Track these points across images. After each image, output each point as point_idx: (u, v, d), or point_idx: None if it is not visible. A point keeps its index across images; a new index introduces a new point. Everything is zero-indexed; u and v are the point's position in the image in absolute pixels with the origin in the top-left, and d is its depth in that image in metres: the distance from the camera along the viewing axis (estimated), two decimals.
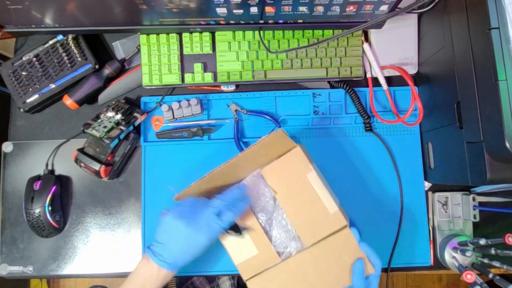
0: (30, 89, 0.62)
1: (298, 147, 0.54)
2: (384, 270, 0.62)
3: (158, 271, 0.48)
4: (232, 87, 0.65)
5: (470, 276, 0.52)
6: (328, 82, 0.65)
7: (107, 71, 0.63)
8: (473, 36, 0.46)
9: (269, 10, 0.53)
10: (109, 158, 0.60)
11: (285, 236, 0.56)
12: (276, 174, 0.56)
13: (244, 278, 0.55)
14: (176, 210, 0.50)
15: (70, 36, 0.62)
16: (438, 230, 0.62)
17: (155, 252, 0.49)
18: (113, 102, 0.63)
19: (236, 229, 0.53)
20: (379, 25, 0.59)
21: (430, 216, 0.64)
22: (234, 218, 0.50)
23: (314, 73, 0.63)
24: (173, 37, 0.62)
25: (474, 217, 0.61)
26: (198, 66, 0.63)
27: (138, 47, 0.64)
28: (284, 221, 0.56)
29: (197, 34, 0.62)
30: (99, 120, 0.60)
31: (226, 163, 0.51)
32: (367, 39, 0.65)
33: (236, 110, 0.65)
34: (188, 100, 0.62)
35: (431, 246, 0.63)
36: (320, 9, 0.53)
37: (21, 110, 0.63)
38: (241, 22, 0.57)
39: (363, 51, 0.64)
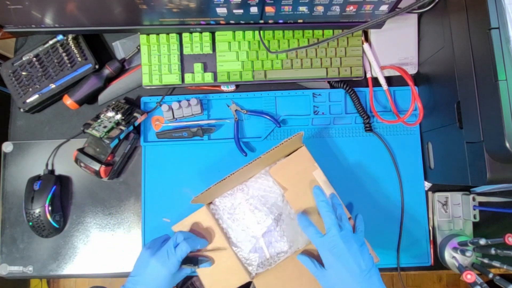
0: (30, 89, 0.62)
1: (304, 147, 0.56)
2: (394, 269, 0.63)
3: None
4: (232, 87, 0.65)
5: (470, 276, 0.52)
6: (328, 82, 0.65)
7: (107, 71, 0.63)
8: (473, 36, 0.46)
9: (269, 10, 0.53)
10: (109, 158, 0.60)
11: (293, 232, 0.57)
12: (284, 172, 0.57)
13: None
14: (149, 243, 0.55)
15: (70, 36, 0.62)
16: (438, 230, 0.63)
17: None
18: (113, 102, 0.63)
19: (194, 262, 0.55)
20: (379, 25, 0.59)
21: (430, 216, 0.64)
22: (187, 250, 0.52)
23: (314, 73, 0.63)
24: (173, 37, 0.62)
25: (474, 217, 0.61)
26: (198, 66, 0.63)
27: (138, 47, 0.64)
28: (292, 216, 0.57)
29: (197, 34, 0.62)
30: (99, 120, 0.60)
31: (246, 166, 0.52)
32: (367, 39, 0.65)
33: (236, 110, 0.65)
34: (188, 100, 0.62)
35: (431, 246, 0.63)
36: (320, 9, 0.53)
37: (21, 110, 0.63)
38: (241, 22, 0.57)
39: (363, 51, 0.64)
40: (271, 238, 0.58)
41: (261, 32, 0.61)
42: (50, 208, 0.61)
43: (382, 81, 0.64)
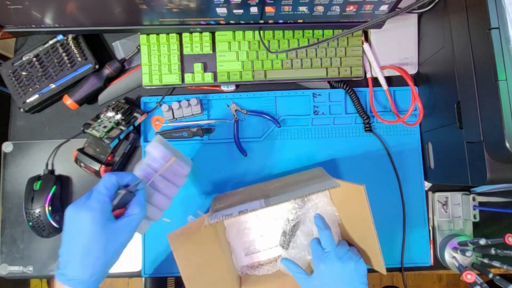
0: (30, 89, 0.62)
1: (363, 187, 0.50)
2: (398, 269, 0.63)
3: None
4: (232, 87, 0.65)
5: (470, 276, 0.52)
6: (328, 82, 0.65)
7: (107, 71, 0.63)
8: (473, 36, 0.46)
9: (269, 10, 0.53)
10: (109, 158, 0.60)
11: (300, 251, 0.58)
12: (342, 193, 0.56)
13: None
14: None
15: (70, 36, 0.62)
16: (438, 230, 0.63)
17: (58, 273, 0.39)
18: (113, 102, 0.63)
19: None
20: (379, 25, 0.59)
21: (430, 216, 0.64)
22: (111, 179, 0.41)
23: (314, 73, 0.63)
24: (173, 37, 0.62)
25: (474, 217, 0.61)
26: (198, 66, 0.63)
27: (138, 47, 0.64)
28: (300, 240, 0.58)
29: (197, 34, 0.62)
30: (99, 120, 0.60)
31: (264, 183, 0.53)
32: (367, 39, 0.65)
33: (236, 110, 0.65)
34: (188, 100, 0.62)
35: (431, 246, 0.63)
36: (320, 9, 0.53)
37: (21, 110, 0.63)
38: (241, 22, 0.57)
39: (363, 51, 0.64)
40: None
41: (261, 32, 0.61)
42: (50, 208, 0.61)
43: (382, 81, 0.64)
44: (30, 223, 0.61)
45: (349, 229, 0.57)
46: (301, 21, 0.57)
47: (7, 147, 0.66)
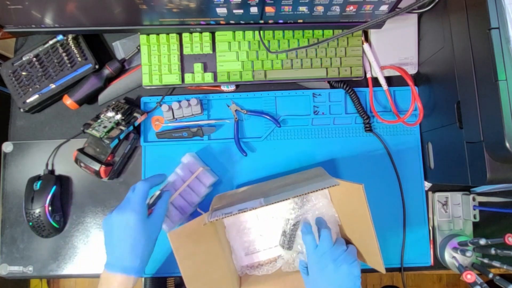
0: (30, 89, 0.62)
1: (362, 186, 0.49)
2: (398, 269, 0.63)
3: (123, 280, 0.47)
4: (232, 87, 0.65)
5: (470, 276, 0.52)
6: (328, 82, 0.65)
7: (107, 71, 0.63)
8: (473, 36, 0.46)
9: (269, 10, 0.53)
10: (109, 158, 0.60)
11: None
12: (341, 193, 0.56)
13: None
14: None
15: (70, 36, 0.62)
16: (438, 230, 0.63)
17: (107, 264, 0.48)
18: (113, 102, 0.63)
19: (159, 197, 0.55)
20: (379, 25, 0.59)
21: (430, 216, 0.64)
22: (144, 187, 0.51)
23: (314, 73, 0.63)
24: (173, 37, 0.62)
25: (474, 217, 0.61)
26: (198, 66, 0.63)
27: (138, 47, 0.64)
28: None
29: (197, 34, 0.62)
30: (99, 120, 0.60)
31: (264, 183, 0.53)
32: (367, 39, 0.65)
33: (236, 110, 0.65)
34: (188, 100, 0.62)
35: (431, 246, 0.63)
36: (320, 9, 0.53)
37: (21, 110, 0.63)
38: (241, 22, 0.57)
39: (363, 51, 0.64)
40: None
41: (261, 32, 0.61)
42: (50, 208, 0.61)
43: (382, 81, 0.64)
44: (30, 223, 0.61)
45: (348, 229, 0.57)
46: (301, 21, 0.57)
47: (7, 147, 0.66)
